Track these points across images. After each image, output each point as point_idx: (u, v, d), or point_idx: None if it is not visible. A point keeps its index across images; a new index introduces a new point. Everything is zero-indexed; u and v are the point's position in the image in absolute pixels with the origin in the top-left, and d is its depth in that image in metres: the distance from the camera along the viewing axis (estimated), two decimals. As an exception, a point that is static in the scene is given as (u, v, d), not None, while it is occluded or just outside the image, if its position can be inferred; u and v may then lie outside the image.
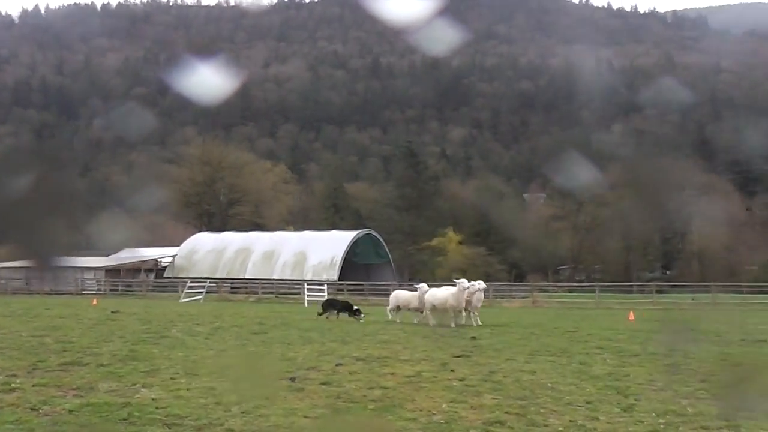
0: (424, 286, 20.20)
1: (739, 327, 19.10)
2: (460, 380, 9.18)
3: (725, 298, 39.46)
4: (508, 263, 71.71)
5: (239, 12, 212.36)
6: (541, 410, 7.41)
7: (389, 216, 72.09)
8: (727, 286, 45.07)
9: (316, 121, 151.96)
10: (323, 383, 8.92)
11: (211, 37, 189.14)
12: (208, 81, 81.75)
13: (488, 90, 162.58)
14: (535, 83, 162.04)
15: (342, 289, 45.52)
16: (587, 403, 7.74)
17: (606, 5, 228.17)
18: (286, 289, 47.45)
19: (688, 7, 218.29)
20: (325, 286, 39.66)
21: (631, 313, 24.81)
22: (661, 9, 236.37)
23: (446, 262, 68.30)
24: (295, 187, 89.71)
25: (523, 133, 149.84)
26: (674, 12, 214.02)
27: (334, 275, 50.77)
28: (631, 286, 50.86)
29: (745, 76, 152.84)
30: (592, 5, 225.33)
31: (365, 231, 59.30)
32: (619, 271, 70.12)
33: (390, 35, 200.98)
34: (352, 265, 54.42)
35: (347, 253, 53.57)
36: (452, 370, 10.02)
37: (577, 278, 72.44)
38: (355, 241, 55.60)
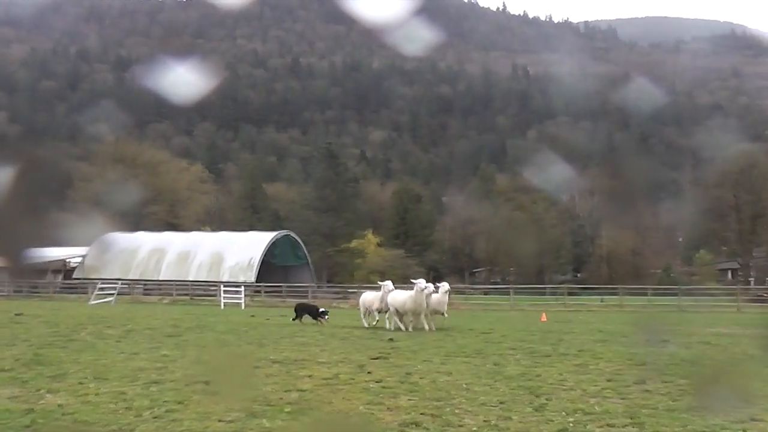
0: (388, 284, 19.08)
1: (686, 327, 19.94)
2: (377, 382, 9.21)
3: (631, 300, 41.19)
4: (426, 265, 72.57)
5: (155, 6, 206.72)
6: (456, 411, 7.51)
7: (308, 217, 71.71)
8: (633, 288, 47.13)
9: (234, 120, 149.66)
10: (239, 386, 8.78)
11: (125, 31, 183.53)
12: (121, 76, 79.22)
13: (408, 93, 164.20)
14: (453, 88, 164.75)
15: (259, 291, 44.98)
16: (501, 403, 7.90)
17: (522, 14, 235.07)
18: (201, 291, 46.48)
19: (599, 19, 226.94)
20: (242, 288, 39.07)
21: (544, 315, 25.54)
22: (574, 19, 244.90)
23: (365, 264, 68.54)
24: (211, 187, 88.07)
25: (441, 137, 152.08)
26: (586, 23, 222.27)
27: (252, 277, 50.11)
28: (544, 288, 52.41)
29: (651, 87, 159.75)
30: (509, 13, 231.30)
31: (284, 232, 58.81)
32: (533, 273, 72.14)
33: (310, 36, 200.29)
34: (271, 266, 53.85)
35: (265, 254, 52.98)
36: (369, 372, 10.04)
37: (492, 280, 74.14)
38: (274, 242, 55.06)
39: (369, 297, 20.35)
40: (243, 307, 35.22)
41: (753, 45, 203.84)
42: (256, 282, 48.45)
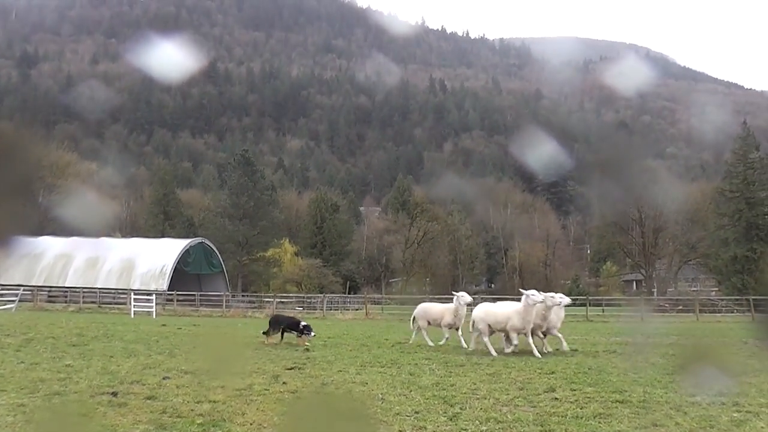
0: (465, 296, 16.59)
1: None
2: (292, 392, 9.10)
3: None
4: (343, 275, 72.52)
5: (65, 2, 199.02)
6: (371, 421, 7.51)
7: (223, 225, 70.40)
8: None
9: (148, 124, 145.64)
10: (148, 398, 8.49)
11: (33, 27, 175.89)
12: (27, 73, 75.82)
13: (326, 103, 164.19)
14: (371, 99, 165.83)
15: (172, 300, 43.78)
16: (415, 412, 7.94)
17: (440, 28, 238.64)
18: (110, 299, 44.82)
19: (514, 36, 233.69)
20: (154, 296, 37.92)
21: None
22: (490, 36, 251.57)
23: (281, 273, 67.84)
24: (122, 192, 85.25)
25: (359, 147, 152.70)
26: (501, 40, 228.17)
27: (164, 285, 48.72)
28: (458, 298, 53.13)
29: (561, 103, 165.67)
30: (427, 27, 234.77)
31: (198, 240, 57.52)
32: (448, 283, 73.18)
33: (228, 41, 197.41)
34: (184, 274, 52.54)
35: (178, 262, 51.64)
36: (284, 383, 9.92)
37: (408, 290, 74.71)
38: (187, 249, 53.74)
39: (436, 309, 17.48)
40: (154, 316, 34.19)
41: (656, 67, 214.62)
42: (169, 290, 47.14)
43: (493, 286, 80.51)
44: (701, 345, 17.15)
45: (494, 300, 19.09)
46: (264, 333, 17.14)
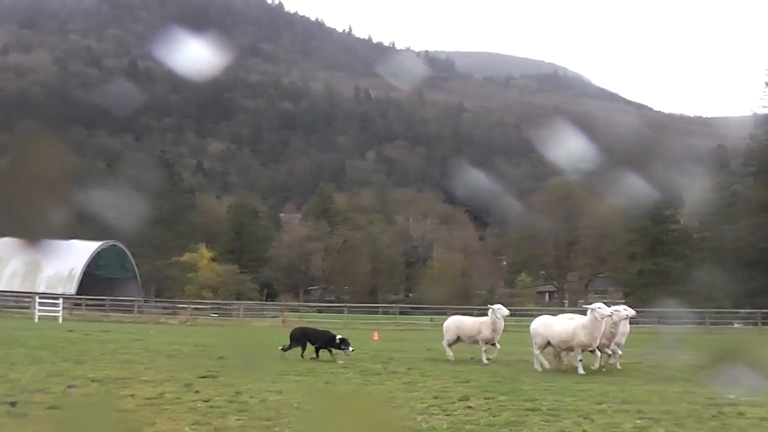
0: (503, 308, 15.78)
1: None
2: (205, 401, 8.90)
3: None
4: (261, 282, 71.56)
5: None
6: (286, 430, 7.43)
7: (138, 227, 68.22)
8: (461, 309, 49.23)
9: (62, 120, 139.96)
10: (50, 408, 8.12)
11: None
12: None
13: (250, 106, 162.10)
14: (296, 105, 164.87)
15: (80, 304, 42.15)
16: (331, 421, 7.91)
17: (367, 37, 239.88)
18: (13, 302, 42.73)
19: (439, 50, 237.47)
20: (61, 300, 36.41)
21: (376, 334, 25.98)
22: (416, 48, 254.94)
23: (197, 279, 66.30)
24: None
25: (282, 153, 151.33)
26: (427, 52, 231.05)
27: (72, 288, 46.91)
28: (377, 307, 53.41)
29: (483, 117, 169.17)
30: (354, 36, 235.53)
31: (110, 242, 55.59)
32: (367, 292, 73.40)
33: (150, 39, 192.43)
34: (95, 278, 50.72)
35: (89, 265, 49.79)
36: (197, 391, 9.69)
37: (327, 298, 74.46)
38: (99, 252, 51.92)
39: (469, 323, 16.32)
40: (61, 320, 32.83)
41: (573, 86, 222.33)
42: (77, 294, 45.35)
43: (411, 295, 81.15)
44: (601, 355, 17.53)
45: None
46: (283, 349, 15.20)
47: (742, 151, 60.17)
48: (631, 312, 14.25)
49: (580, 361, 13.24)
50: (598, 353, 13.48)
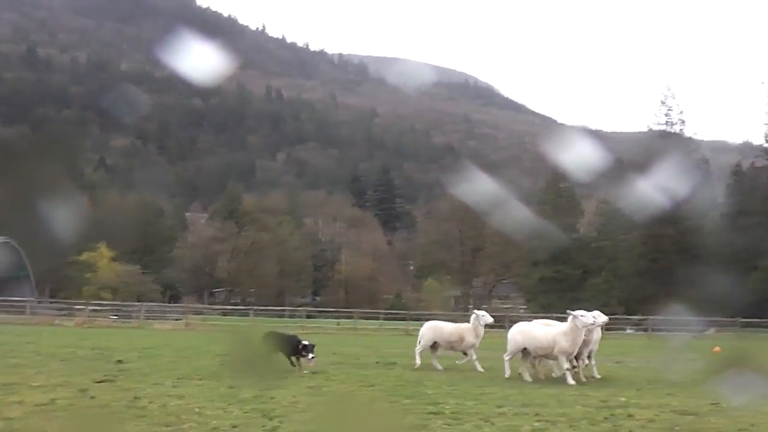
0: (486, 315, 15.20)
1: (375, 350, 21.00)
2: (102, 407, 8.58)
3: (365, 323, 43.18)
4: (164, 283, 69.55)
5: None
6: (186, 436, 7.26)
7: (32, 225, 64.94)
8: (367, 312, 49.57)
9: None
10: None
11: None
12: None
13: (157, 101, 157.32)
14: (206, 102, 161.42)
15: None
16: (233, 426, 7.78)
17: (281, 37, 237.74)
18: None
19: (353, 53, 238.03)
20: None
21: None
22: (330, 50, 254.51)
23: (96, 279, 63.75)
24: None
25: (190, 151, 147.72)
26: (341, 55, 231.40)
27: (-43, 288, 44.12)
28: (283, 310, 52.95)
29: (395, 123, 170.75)
30: (267, 34, 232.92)
31: (2, 239, 52.68)
32: (274, 295, 72.62)
33: (52, 25, 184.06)
34: (-16, 277, 47.92)
35: (-24, 263, 46.99)
36: (93, 397, 9.33)
37: (232, 301, 73.16)
38: (-11, 249, 49.07)
39: (448, 329, 15.57)
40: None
41: (483, 95, 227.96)
42: (-36, 294, 42.74)
43: (318, 298, 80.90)
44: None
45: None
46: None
47: (639, 165, 63.24)
48: (604, 318, 14.01)
49: (568, 369, 12.84)
50: (564, 362, 12.94)
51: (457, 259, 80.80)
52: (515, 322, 17.17)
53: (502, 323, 42.14)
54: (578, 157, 59.06)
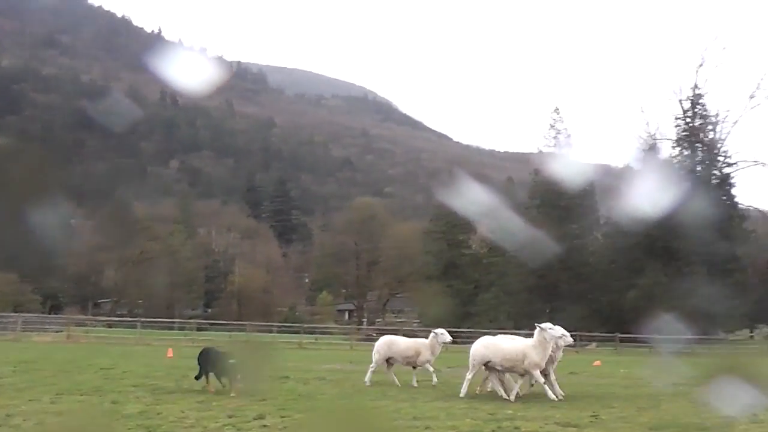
0: (445, 334, 14.86)
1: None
2: (-30, 426, 8.03)
3: (258, 336, 42.47)
4: (44, 293, 65.93)
5: None
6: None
7: None
8: (260, 325, 48.81)
9: None
10: None
11: None
12: None
13: (42, 101, 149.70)
14: (95, 104, 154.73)
15: None
16: (115, 444, 7.48)
17: (178, 41, 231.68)
18: None
19: (251, 62, 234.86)
20: None
21: (170, 350, 24.96)
22: (228, 58, 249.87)
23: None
24: None
25: (76, 154, 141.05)
26: (239, 63, 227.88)
27: None
28: (173, 322, 51.33)
29: (293, 134, 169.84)
30: (164, 38, 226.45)
31: None
32: (163, 306, 70.21)
33: None
34: None
35: None
36: (-41, 415, 8.71)
37: (118, 312, 70.13)
38: None
39: (404, 344, 15.21)
40: None
41: (382, 110, 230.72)
42: None
43: (210, 310, 78.92)
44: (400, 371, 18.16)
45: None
46: (197, 377, 12.51)
47: (529, 185, 65.77)
48: (570, 340, 13.67)
49: (545, 384, 12.57)
50: (539, 376, 12.56)
51: (352, 272, 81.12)
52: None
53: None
54: (472, 175, 60.79)
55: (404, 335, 17.77)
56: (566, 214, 57.37)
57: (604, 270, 58.74)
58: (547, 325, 12.82)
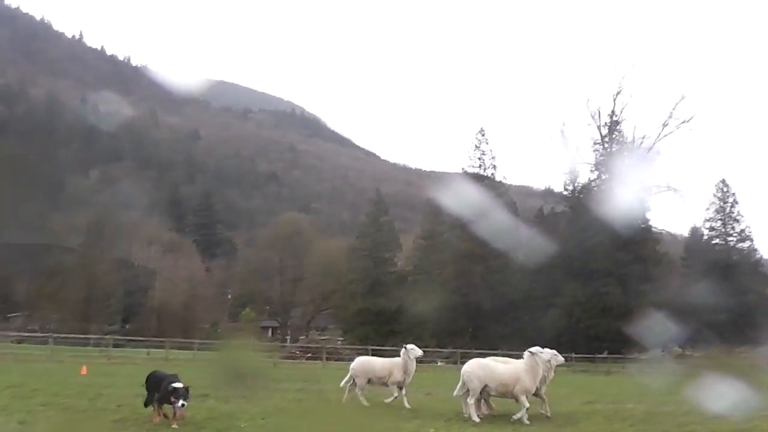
0: (416, 349, 14.55)
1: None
2: None
3: (177, 353, 41.42)
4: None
5: None
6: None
7: None
8: (180, 342, 47.60)
9: None
10: None
11: None
12: None
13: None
14: (10, 109, 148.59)
15: None
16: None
17: (100, 48, 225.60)
18: None
19: (177, 72, 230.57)
20: None
21: (84, 368, 24.05)
22: (153, 67, 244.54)
23: None
24: None
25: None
26: (164, 72, 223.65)
27: None
28: (88, 338, 49.47)
29: (218, 147, 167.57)
30: (85, 44, 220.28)
31: None
32: (78, 321, 67.53)
33: None
34: None
35: None
36: None
37: (29, 328, 67.02)
38: None
39: (379, 365, 14.90)
40: None
41: (309, 126, 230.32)
42: None
43: (128, 326, 76.41)
44: (325, 390, 18.18)
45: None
46: (146, 404, 11.28)
47: (455, 202, 66.85)
48: (561, 359, 13.55)
49: (527, 409, 12.36)
50: (525, 401, 12.42)
51: (277, 288, 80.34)
52: (332, 353, 17.33)
53: (319, 356, 42.49)
54: (398, 193, 61.30)
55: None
56: (489, 233, 58.62)
57: (525, 289, 60.18)
58: (536, 349, 12.69)
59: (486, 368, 12.73)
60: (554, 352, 13.20)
